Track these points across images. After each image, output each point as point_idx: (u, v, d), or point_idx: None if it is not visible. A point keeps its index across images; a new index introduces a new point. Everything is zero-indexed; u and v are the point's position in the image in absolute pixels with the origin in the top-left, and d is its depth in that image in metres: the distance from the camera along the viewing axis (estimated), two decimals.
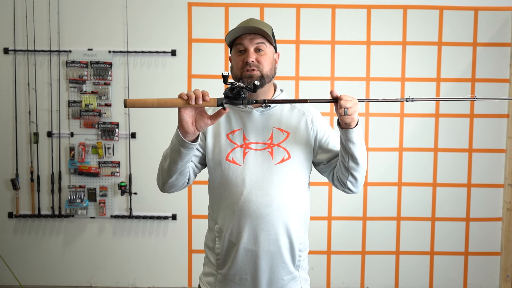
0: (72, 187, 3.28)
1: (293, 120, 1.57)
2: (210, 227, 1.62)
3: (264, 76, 1.52)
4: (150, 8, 3.24)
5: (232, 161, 1.51)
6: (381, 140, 3.30)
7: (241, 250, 1.49)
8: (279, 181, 1.50)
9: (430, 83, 3.26)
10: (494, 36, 3.24)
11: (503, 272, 3.31)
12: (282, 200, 1.49)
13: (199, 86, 3.24)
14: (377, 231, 3.34)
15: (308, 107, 1.63)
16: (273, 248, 1.49)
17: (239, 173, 1.50)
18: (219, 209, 1.54)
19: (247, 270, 1.51)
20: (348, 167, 1.48)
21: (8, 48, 3.24)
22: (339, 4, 3.24)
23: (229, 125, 1.56)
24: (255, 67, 1.51)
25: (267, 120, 1.56)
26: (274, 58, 1.59)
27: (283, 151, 1.52)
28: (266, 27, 1.56)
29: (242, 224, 1.48)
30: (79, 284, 3.38)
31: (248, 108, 1.56)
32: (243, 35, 1.53)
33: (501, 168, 3.30)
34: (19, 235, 3.35)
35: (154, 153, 3.26)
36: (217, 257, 1.55)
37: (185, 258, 3.36)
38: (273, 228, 1.48)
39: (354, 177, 1.50)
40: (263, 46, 1.53)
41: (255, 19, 1.57)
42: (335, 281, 3.37)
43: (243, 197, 1.48)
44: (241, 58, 1.53)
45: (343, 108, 1.38)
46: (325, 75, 3.27)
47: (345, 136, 1.44)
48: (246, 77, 1.51)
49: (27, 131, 3.28)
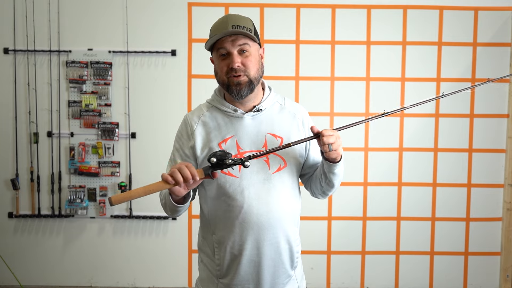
0: (72, 187, 3.28)
1: (285, 123, 1.53)
2: (205, 236, 1.56)
3: (252, 80, 1.45)
4: (150, 8, 3.24)
5: (228, 173, 1.44)
6: (381, 140, 3.30)
7: (244, 261, 1.46)
8: (278, 191, 1.47)
9: (430, 83, 3.26)
10: (494, 36, 3.24)
11: (503, 272, 3.31)
12: (282, 209, 1.47)
13: (199, 86, 3.26)
14: (377, 231, 3.34)
15: (298, 108, 1.59)
16: (275, 256, 1.48)
17: (236, 185, 1.44)
18: (216, 220, 1.49)
19: (250, 280, 1.49)
20: (322, 186, 1.52)
21: (8, 48, 3.24)
22: (339, 4, 3.24)
23: (220, 133, 1.49)
24: (242, 72, 1.43)
25: (259, 125, 1.50)
26: (259, 55, 1.51)
27: (279, 159, 1.49)
28: (247, 23, 1.47)
29: (244, 237, 1.45)
30: (79, 284, 3.38)
31: (239, 113, 1.49)
32: (223, 38, 1.45)
33: (501, 168, 3.30)
34: (19, 235, 3.35)
35: (154, 153, 3.28)
36: (218, 267, 1.51)
37: (185, 258, 3.36)
38: (274, 237, 1.46)
39: (326, 194, 1.57)
40: (247, 46, 1.45)
41: (232, 16, 1.47)
42: (335, 281, 3.36)
43: (244, 210, 1.44)
44: (225, 63, 1.45)
45: (327, 144, 1.35)
46: (325, 75, 3.27)
47: (327, 168, 1.45)
48: (234, 84, 1.44)
49: (27, 131, 3.28)
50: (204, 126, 1.51)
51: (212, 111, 1.54)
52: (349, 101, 3.27)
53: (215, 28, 1.48)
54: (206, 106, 1.57)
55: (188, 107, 3.26)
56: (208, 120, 1.52)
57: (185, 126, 1.55)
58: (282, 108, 1.56)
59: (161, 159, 3.29)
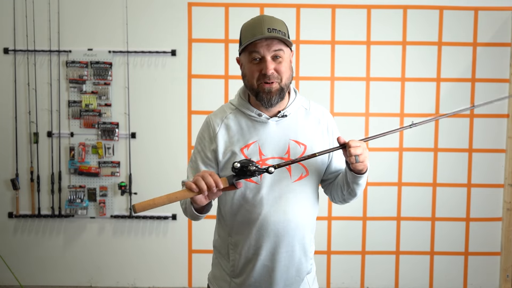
0: (72, 187, 3.28)
1: (309, 130, 1.50)
2: (221, 235, 1.57)
3: (283, 87, 1.42)
4: (150, 8, 3.24)
5: (249, 179, 1.41)
6: (381, 140, 3.29)
7: (258, 266, 1.47)
8: (297, 200, 1.46)
9: (430, 83, 3.26)
10: (494, 36, 3.24)
11: (503, 272, 3.31)
12: (300, 218, 1.46)
13: (199, 86, 3.26)
14: (377, 231, 3.34)
15: (321, 112, 1.56)
16: (289, 263, 1.48)
17: (256, 192, 1.43)
18: (233, 222, 1.49)
19: (262, 283, 1.49)
20: (344, 195, 1.51)
21: (8, 48, 3.24)
22: (339, 4, 3.24)
23: (243, 138, 1.46)
24: (274, 78, 1.40)
25: (283, 131, 1.46)
26: (290, 61, 1.47)
27: (301, 168, 1.46)
28: (281, 26, 1.42)
29: (260, 243, 1.45)
30: (79, 284, 3.38)
31: (263, 117, 1.46)
32: (257, 41, 1.39)
33: (501, 168, 3.30)
34: (19, 235, 3.35)
35: (154, 153, 3.28)
36: (232, 268, 1.52)
37: (185, 258, 3.36)
38: (290, 246, 1.46)
39: (346, 201, 1.56)
40: (281, 52, 1.40)
41: (267, 18, 1.42)
42: (335, 281, 3.37)
43: (261, 217, 1.43)
44: (258, 68, 1.40)
45: (353, 155, 1.32)
46: (325, 75, 3.27)
47: (352, 179, 1.42)
48: (265, 91, 1.40)
49: (27, 131, 3.28)
50: (227, 129, 1.48)
51: (235, 113, 1.50)
52: (349, 101, 3.27)
53: (249, 29, 1.41)
54: (229, 108, 1.52)
55: (188, 107, 3.26)
56: (231, 124, 1.48)
57: (208, 128, 1.51)
58: (307, 113, 1.53)
59: (161, 159, 3.30)
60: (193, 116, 3.25)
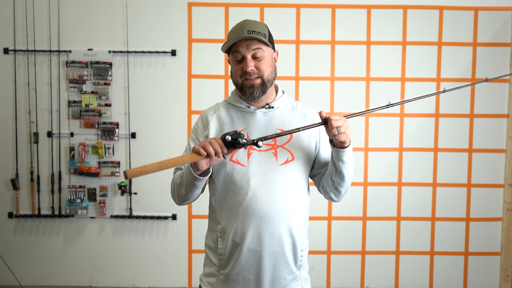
0: (72, 187, 3.29)
1: (295, 123, 1.58)
2: (211, 228, 1.63)
3: (265, 82, 1.54)
4: (150, 8, 3.24)
5: (237, 161, 1.52)
6: (381, 140, 3.30)
7: (245, 250, 1.50)
8: (283, 182, 1.51)
9: (430, 83, 3.26)
10: (494, 36, 3.24)
11: (503, 272, 3.31)
12: (286, 201, 1.50)
13: (199, 86, 3.26)
14: (377, 231, 3.34)
15: (309, 109, 1.65)
16: (277, 248, 1.50)
17: (243, 174, 1.50)
18: (222, 209, 1.55)
19: (251, 270, 1.51)
20: (334, 181, 1.55)
21: (8, 48, 3.24)
22: (339, 4, 3.24)
23: (233, 126, 1.57)
24: (255, 75, 1.52)
25: (270, 121, 1.57)
26: (273, 59, 1.59)
27: (287, 153, 1.54)
28: (262, 28, 1.55)
29: (247, 224, 1.49)
30: (79, 284, 3.38)
31: (251, 108, 1.58)
32: (238, 42, 1.53)
33: (501, 168, 3.30)
34: (19, 235, 3.35)
35: (154, 153, 3.28)
36: (220, 257, 1.55)
37: (185, 258, 3.36)
38: (276, 229, 1.49)
39: (338, 190, 1.58)
40: (261, 51, 1.53)
41: (249, 21, 1.55)
42: (335, 281, 3.37)
43: (248, 197, 1.48)
44: (240, 67, 1.54)
45: (335, 127, 1.40)
46: (325, 75, 3.27)
47: (336, 155, 1.48)
48: (248, 87, 1.53)
49: (27, 131, 3.28)
50: (219, 119, 1.60)
51: (227, 107, 1.63)
52: (349, 101, 3.27)
53: (232, 32, 1.55)
54: (222, 104, 1.67)
55: (188, 107, 3.26)
56: (222, 115, 1.61)
57: (201, 118, 1.65)
58: (294, 109, 1.63)
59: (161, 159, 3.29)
60: (193, 116, 3.25)
